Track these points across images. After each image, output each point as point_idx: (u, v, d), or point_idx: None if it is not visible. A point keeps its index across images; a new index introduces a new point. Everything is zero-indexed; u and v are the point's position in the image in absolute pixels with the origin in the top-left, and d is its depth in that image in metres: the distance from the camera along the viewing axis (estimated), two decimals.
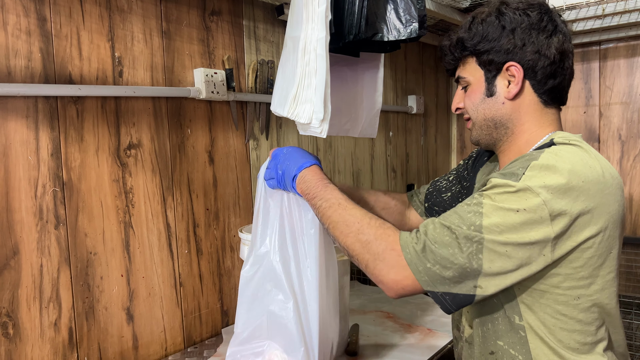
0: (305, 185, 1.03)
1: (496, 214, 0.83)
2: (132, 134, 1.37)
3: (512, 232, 0.82)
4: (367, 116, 1.09)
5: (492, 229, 0.82)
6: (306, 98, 0.94)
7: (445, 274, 0.84)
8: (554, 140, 0.93)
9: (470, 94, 1.03)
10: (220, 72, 1.56)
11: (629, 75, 2.41)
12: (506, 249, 0.82)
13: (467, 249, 0.83)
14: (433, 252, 0.85)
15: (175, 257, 1.48)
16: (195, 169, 1.53)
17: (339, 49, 1.02)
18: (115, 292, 1.34)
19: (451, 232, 0.84)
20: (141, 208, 1.39)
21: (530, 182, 0.83)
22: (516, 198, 0.82)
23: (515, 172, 0.85)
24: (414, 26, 0.95)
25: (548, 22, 0.96)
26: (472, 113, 1.03)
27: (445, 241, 0.84)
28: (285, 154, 1.09)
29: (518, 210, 0.82)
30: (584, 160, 0.87)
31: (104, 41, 1.31)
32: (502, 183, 0.85)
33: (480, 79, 1.01)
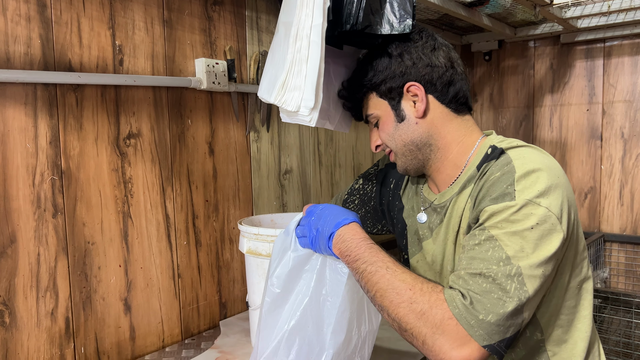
0: (344, 246, 0.91)
1: (514, 239, 0.81)
2: (131, 124, 1.36)
3: (538, 250, 0.81)
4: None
5: (519, 256, 0.80)
6: (295, 85, 0.93)
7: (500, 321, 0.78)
8: (496, 145, 0.95)
9: (383, 127, 1.04)
10: (222, 63, 1.54)
11: (633, 73, 2.39)
12: (541, 269, 0.80)
13: (511, 286, 0.79)
14: (481, 302, 0.78)
15: (174, 248, 1.47)
16: (195, 160, 1.52)
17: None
18: (113, 282, 1.33)
19: (486, 277, 0.80)
20: (140, 198, 1.38)
21: (526, 195, 0.82)
22: (522, 216, 0.81)
23: (506, 192, 0.84)
24: (408, 22, 0.94)
25: (428, 39, 1.01)
26: (391, 143, 1.04)
27: (485, 288, 0.79)
28: (321, 211, 0.98)
29: (532, 227, 0.81)
30: (542, 156, 0.90)
31: (104, 29, 1.30)
32: (500, 208, 0.83)
33: (387, 109, 1.03)
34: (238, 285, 1.66)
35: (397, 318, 0.82)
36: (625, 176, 2.43)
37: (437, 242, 1.04)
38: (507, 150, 0.92)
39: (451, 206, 1.00)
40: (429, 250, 1.07)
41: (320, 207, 1.00)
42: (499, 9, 2.17)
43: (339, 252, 0.93)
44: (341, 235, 0.92)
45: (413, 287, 0.82)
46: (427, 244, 1.08)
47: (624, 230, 2.45)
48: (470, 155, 0.99)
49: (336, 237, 0.93)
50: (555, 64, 2.61)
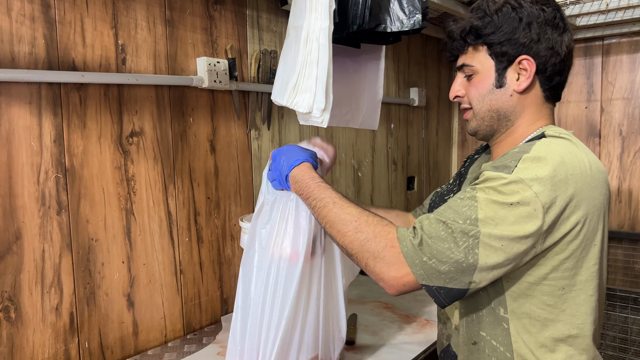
0: (297, 186, 1.02)
1: (491, 207, 0.83)
2: (134, 122, 1.38)
3: (508, 226, 0.82)
4: (368, 107, 1.09)
5: (487, 222, 0.83)
6: (306, 87, 0.94)
7: (441, 268, 0.84)
8: (545, 133, 0.95)
9: (477, 84, 1.01)
10: (223, 62, 1.56)
11: (632, 71, 2.41)
12: (502, 243, 0.83)
13: (463, 243, 0.83)
14: (429, 246, 0.84)
15: (176, 244, 1.49)
16: (196, 158, 1.54)
17: (341, 40, 1.02)
18: (116, 278, 1.35)
19: (447, 227, 0.85)
20: (143, 195, 1.40)
21: (522, 175, 0.84)
22: (509, 191, 0.83)
23: (508, 165, 0.86)
24: (417, 17, 0.95)
25: (560, 20, 0.97)
26: (477, 103, 1.02)
27: (441, 236, 0.84)
28: (281, 154, 1.07)
29: (512, 204, 0.82)
30: (572, 153, 0.88)
31: (107, 28, 1.31)
32: (494, 176, 0.86)
33: (490, 69, 0.99)
34: None
35: (344, 245, 0.92)
36: (624, 173, 2.45)
37: None
38: (548, 136, 0.93)
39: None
40: None
41: (283, 148, 1.08)
42: None
43: (295, 191, 1.03)
44: (294, 177, 1.02)
45: (358, 218, 0.91)
46: None
47: (622, 227, 2.47)
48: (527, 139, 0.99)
49: (291, 178, 1.03)
50: None
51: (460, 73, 1.05)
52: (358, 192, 2.24)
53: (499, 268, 0.85)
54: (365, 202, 2.28)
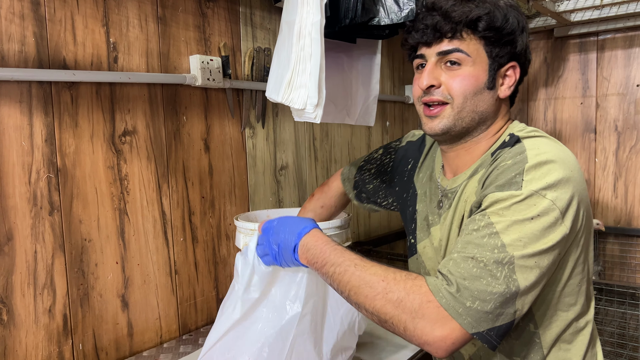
0: (310, 254, 0.91)
1: (513, 228, 0.79)
2: (127, 121, 1.36)
3: (536, 241, 0.79)
4: (364, 103, 1.07)
5: (515, 245, 0.78)
6: (301, 83, 0.93)
7: (487, 308, 0.77)
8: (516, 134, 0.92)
9: (467, 77, 0.91)
10: (216, 59, 1.54)
11: (626, 66, 2.41)
12: (535, 260, 0.79)
13: (501, 273, 0.77)
14: (468, 289, 0.77)
15: (171, 244, 1.48)
16: (190, 157, 1.52)
17: (335, 35, 1.01)
18: (110, 279, 1.33)
19: (477, 262, 0.79)
20: (136, 195, 1.39)
21: (533, 186, 0.80)
22: (526, 206, 0.80)
23: (514, 181, 0.82)
24: (412, 8, 0.94)
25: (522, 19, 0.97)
26: (461, 100, 0.92)
27: (475, 273, 0.78)
28: (277, 226, 0.98)
29: (533, 218, 0.79)
30: (559, 149, 0.87)
31: (98, 26, 1.30)
32: (504, 196, 0.81)
33: (483, 66, 0.92)
34: None
35: (375, 311, 0.81)
36: (619, 169, 2.45)
37: (443, 226, 1.02)
38: (524, 139, 0.89)
39: (461, 190, 0.98)
40: (436, 236, 1.05)
41: (275, 221, 0.99)
42: None
43: (306, 262, 0.93)
44: (305, 245, 0.92)
45: (385, 277, 0.82)
46: (434, 230, 1.06)
47: (619, 223, 2.47)
48: (494, 143, 0.97)
49: (300, 247, 0.93)
50: (549, 57, 2.62)
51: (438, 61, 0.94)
52: None
53: (536, 287, 0.81)
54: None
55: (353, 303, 0.85)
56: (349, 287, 0.84)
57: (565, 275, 0.88)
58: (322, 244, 0.91)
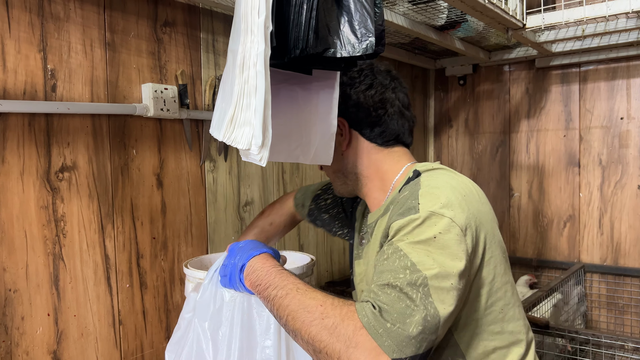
0: (254, 276, 0.89)
1: (419, 248, 0.80)
2: (65, 155, 1.23)
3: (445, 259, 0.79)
4: (321, 140, 0.96)
5: (425, 263, 0.78)
6: (244, 120, 0.81)
7: (409, 332, 0.74)
8: (417, 169, 0.96)
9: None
10: (172, 88, 1.43)
11: (610, 98, 2.33)
12: (450, 282, 0.78)
13: (417, 295, 0.76)
14: (388, 312, 0.75)
15: (115, 292, 1.33)
16: (140, 194, 1.39)
17: (288, 66, 0.90)
18: (39, 333, 1.18)
19: (393, 287, 0.77)
20: (74, 238, 1.24)
21: (429, 207, 0.82)
22: (427, 227, 0.81)
23: (411, 206, 0.84)
24: (370, 41, 0.83)
25: (365, 77, 1.03)
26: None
27: (393, 297, 0.77)
28: (240, 247, 0.97)
29: (435, 237, 0.80)
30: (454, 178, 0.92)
31: (34, 51, 1.17)
32: (405, 222, 0.83)
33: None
34: None
35: (310, 338, 0.77)
36: (605, 204, 2.35)
37: (364, 262, 1.08)
38: (423, 172, 0.94)
39: (376, 227, 1.02)
40: (358, 271, 1.12)
41: (241, 243, 0.99)
42: (471, 32, 2.10)
43: (250, 284, 0.90)
44: (252, 266, 0.91)
45: (324, 302, 0.79)
46: (357, 265, 1.13)
47: (605, 261, 2.36)
48: (396, 180, 1.01)
49: (247, 268, 0.91)
50: (531, 88, 2.54)
51: None
52: None
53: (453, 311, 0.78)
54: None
55: (290, 331, 0.82)
56: (287, 312, 0.81)
57: (482, 301, 0.87)
58: (270, 266, 0.89)
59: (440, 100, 2.84)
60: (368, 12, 0.85)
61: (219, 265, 0.99)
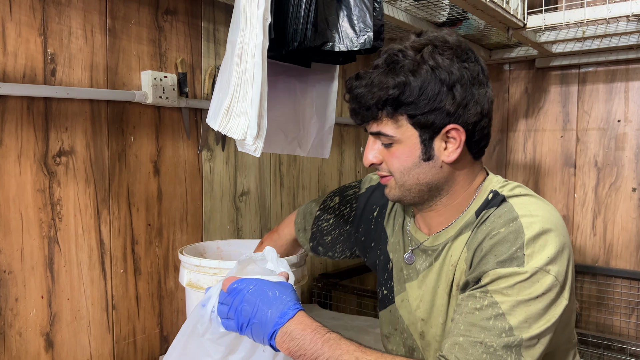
0: (294, 344, 0.77)
1: (519, 309, 0.77)
2: (63, 140, 1.24)
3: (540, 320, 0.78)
4: (318, 134, 0.97)
5: (522, 327, 0.77)
6: (241, 110, 0.82)
7: None
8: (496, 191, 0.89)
9: (400, 155, 0.88)
10: (171, 76, 1.43)
11: (608, 100, 2.34)
12: (540, 338, 0.78)
13: (510, 357, 0.76)
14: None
15: (109, 276, 1.34)
16: (137, 180, 1.39)
17: (287, 58, 0.91)
18: (32, 315, 1.19)
19: (487, 347, 0.76)
20: (70, 222, 1.25)
21: (536, 263, 0.78)
22: (530, 284, 0.78)
23: (515, 256, 0.79)
24: (369, 36, 0.84)
25: (481, 72, 0.88)
26: (400, 175, 0.89)
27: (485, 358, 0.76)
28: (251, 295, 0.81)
29: (537, 297, 0.78)
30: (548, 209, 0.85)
31: (34, 35, 1.18)
32: (508, 273, 0.79)
33: (414, 141, 0.87)
34: (183, 317, 1.53)
35: None
36: (599, 206, 2.37)
37: (423, 287, 0.96)
38: (509, 198, 0.87)
39: (445, 251, 0.93)
40: (414, 295, 0.98)
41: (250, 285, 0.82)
42: (472, 30, 2.10)
43: (288, 352, 0.79)
44: (289, 333, 0.78)
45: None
46: (411, 287, 0.99)
47: (596, 262, 2.38)
48: (473, 200, 0.93)
49: (281, 335, 0.78)
50: (530, 88, 2.55)
51: (375, 138, 0.91)
52: None
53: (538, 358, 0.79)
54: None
55: None
56: None
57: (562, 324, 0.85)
58: (311, 332, 0.77)
59: None
60: (367, 7, 0.86)
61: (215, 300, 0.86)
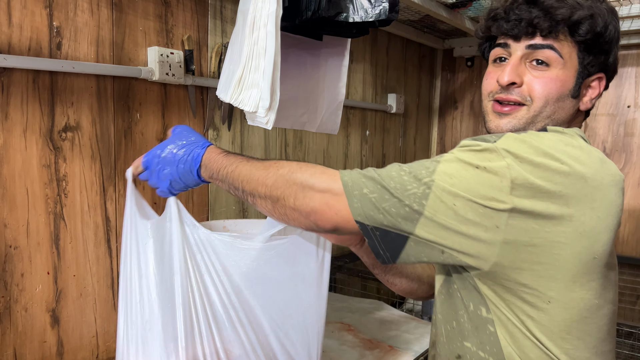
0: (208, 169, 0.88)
1: (453, 164, 0.73)
2: (69, 115, 1.22)
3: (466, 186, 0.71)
4: (328, 109, 0.95)
5: (444, 176, 0.72)
6: (253, 82, 0.81)
7: (382, 205, 0.71)
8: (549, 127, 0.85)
9: (551, 81, 0.84)
10: (178, 53, 1.41)
11: (618, 86, 2.31)
12: (455, 202, 0.70)
13: (413, 188, 0.72)
14: (374, 180, 0.73)
15: (114, 254, 1.33)
16: None
17: (297, 29, 0.89)
18: (38, 291, 1.18)
19: (401, 169, 0.74)
20: (76, 198, 1.24)
21: (499, 144, 0.73)
22: (477, 153, 0.73)
23: (488, 139, 0.75)
24: (384, 6, 0.82)
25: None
26: (542, 104, 0.84)
27: (392, 175, 0.73)
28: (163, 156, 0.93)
29: (478, 167, 0.71)
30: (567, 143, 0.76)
31: (40, 7, 1.16)
32: (469, 143, 0.76)
33: (572, 73, 0.85)
34: None
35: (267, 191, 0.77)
36: None
37: None
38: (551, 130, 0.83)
39: None
40: None
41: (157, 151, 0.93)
42: (482, 12, 2.07)
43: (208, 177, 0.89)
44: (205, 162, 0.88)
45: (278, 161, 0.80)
46: None
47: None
48: None
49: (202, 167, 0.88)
50: None
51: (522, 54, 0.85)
52: None
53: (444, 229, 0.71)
54: None
55: (248, 195, 0.81)
56: (241, 179, 0.81)
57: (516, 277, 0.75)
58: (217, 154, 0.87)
59: (447, 81, 2.82)
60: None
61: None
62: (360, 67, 2.20)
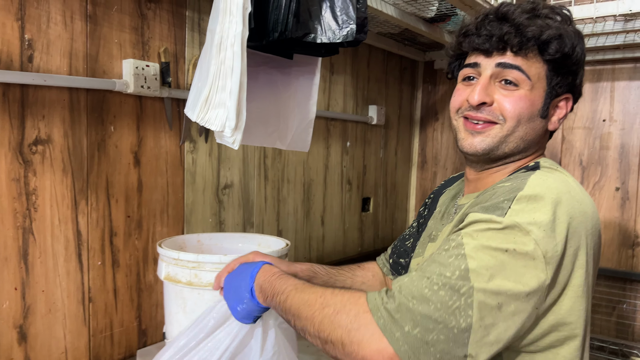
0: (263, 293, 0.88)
1: (482, 254, 0.69)
2: (40, 128, 1.21)
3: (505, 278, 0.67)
4: (299, 127, 0.95)
5: (480, 273, 0.67)
6: (219, 101, 0.80)
7: (429, 338, 0.66)
8: (539, 163, 0.87)
9: (523, 100, 0.84)
10: (154, 65, 1.40)
11: (593, 100, 2.35)
12: (499, 300, 0.67)
13: (454, 302, 0.66)
14: (410, 311, 0.67)
15: (85, 269, 1.32)
16: (116, 171, 1.37)
17: (269, 48, 0.89)
18: (5, 307, 1.16)
19: (431, 284, 0.68)
20: (46, 212, 1.23)
21: (518, 218, 0.70)
22: (503, 235, 0.69)
23: (500, 206, 0.72)
24: (351, 28, 0.82)
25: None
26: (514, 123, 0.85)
27: (424, 295, 0.67)
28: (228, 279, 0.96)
29: (507, 250, 0.68)
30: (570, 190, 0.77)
31: (11, 20, 1.14)
32: (484, 218, 0.72)
33: (541, 93, 0.86)
34: (162, 310, 1.51)
35: (316, 331, 0.74)
36: None
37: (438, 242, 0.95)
38: (542, 168, 0.84)
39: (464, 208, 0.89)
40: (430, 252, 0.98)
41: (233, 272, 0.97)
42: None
43: (264, 302, 0.88)
44: (258, 285, 0.89)
45: (323, 294, 0.76)
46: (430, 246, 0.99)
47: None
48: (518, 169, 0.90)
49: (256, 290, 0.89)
50: None
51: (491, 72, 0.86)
52: (308, 212, 2.10)
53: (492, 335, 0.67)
54: (315, 223, 2.14)
55: (299, 330, 0.79)
56: (292, 312, 0.79)
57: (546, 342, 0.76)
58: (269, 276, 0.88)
59: (428, 93, 2.84)
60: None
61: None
62: (341, 79, 2.21)
